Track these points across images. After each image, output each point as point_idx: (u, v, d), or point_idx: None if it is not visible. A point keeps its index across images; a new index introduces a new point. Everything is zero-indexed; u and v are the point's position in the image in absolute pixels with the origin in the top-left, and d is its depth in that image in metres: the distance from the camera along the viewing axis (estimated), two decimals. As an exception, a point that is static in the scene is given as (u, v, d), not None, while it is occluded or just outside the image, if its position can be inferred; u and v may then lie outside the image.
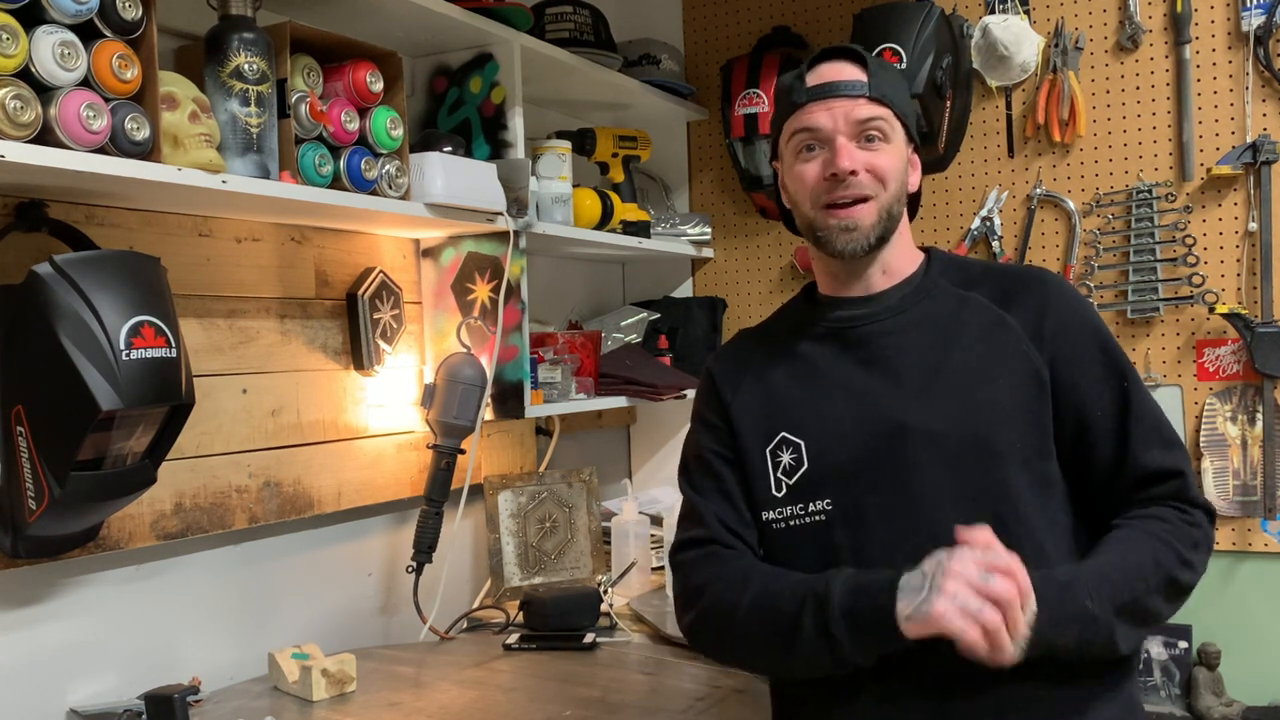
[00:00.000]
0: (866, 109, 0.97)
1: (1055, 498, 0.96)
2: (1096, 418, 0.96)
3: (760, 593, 0.93)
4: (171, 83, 1.07)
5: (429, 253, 1.64)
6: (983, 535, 0.84)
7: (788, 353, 1.05)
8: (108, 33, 0.99)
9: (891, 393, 0.97)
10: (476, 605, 1.66)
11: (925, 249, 1.07)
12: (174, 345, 1.05)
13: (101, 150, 0.98)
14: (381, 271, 1.53)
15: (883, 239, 1.00)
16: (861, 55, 1.00)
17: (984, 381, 0.96)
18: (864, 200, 0.98)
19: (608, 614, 1.52)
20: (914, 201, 1.07)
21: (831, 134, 0.97)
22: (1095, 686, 0.92)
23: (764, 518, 1.01)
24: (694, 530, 1.03)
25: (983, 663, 0.80)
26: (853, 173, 0.96)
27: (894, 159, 0.99)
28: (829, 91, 0.98)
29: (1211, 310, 1.72)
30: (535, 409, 1.59)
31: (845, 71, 0.99)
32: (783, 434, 1.00)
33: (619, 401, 1.81)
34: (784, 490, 0.99)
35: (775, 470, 0.99)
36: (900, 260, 1.03)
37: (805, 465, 0.98)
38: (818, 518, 0.97)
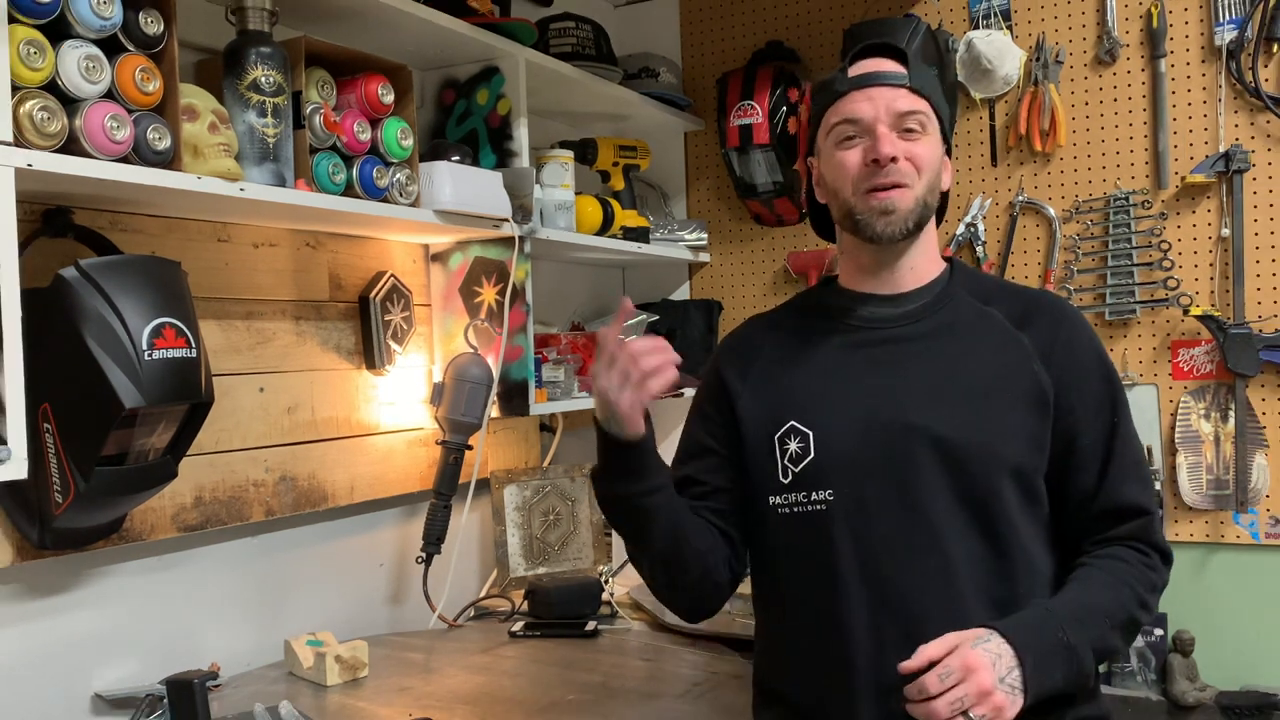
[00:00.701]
0: (907, 101, 0.99)
1: (1040, 511, 0.99)
2: (1084, 445, 0.99)
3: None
4: (192, 95, 1.09)
5: (438, 257, 1.66)
6: (935, 650, 0.86)
7: (804, 342, 1.05)
8: (130, 47, 1.02)
9: (902, 393, 0.99)
10: (483, 594, 1.68)
11: (947, 258, 1.08)
12: (194, 346, 1.07)
13: (125, 159, 1.00)
14: (392, 275, 1.55)
15: (919, 226, 1.00)
16: (902, 51, 1.01)
17: (992, 395, 0.98)
18: (902, 187, 0.98)
19: (609, 603, 1.55)
20: (942, 205, 1.08)
21: (873, 123, 0.98)
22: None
23: (770, 502, 1.02)
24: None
25: None
26: (893, 159, 0.97)
27: (930, 150, 1.00)
28: (871, 80, 0.99)
29: (1186, 312, 1.74)
30: (539, 407, 1.61)
31: (886, 65, 1.00)
32: (792, 422, 1.01)
33: (619, 400, 1.86)
34: (790, 477, 1.00)
35: (783, 458, 1.01)
36: (927, 261, 1.05)
37: (812, 455, 0.99)
38: (819, 506, 0.99)
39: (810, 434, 1.00)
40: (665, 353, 0.92)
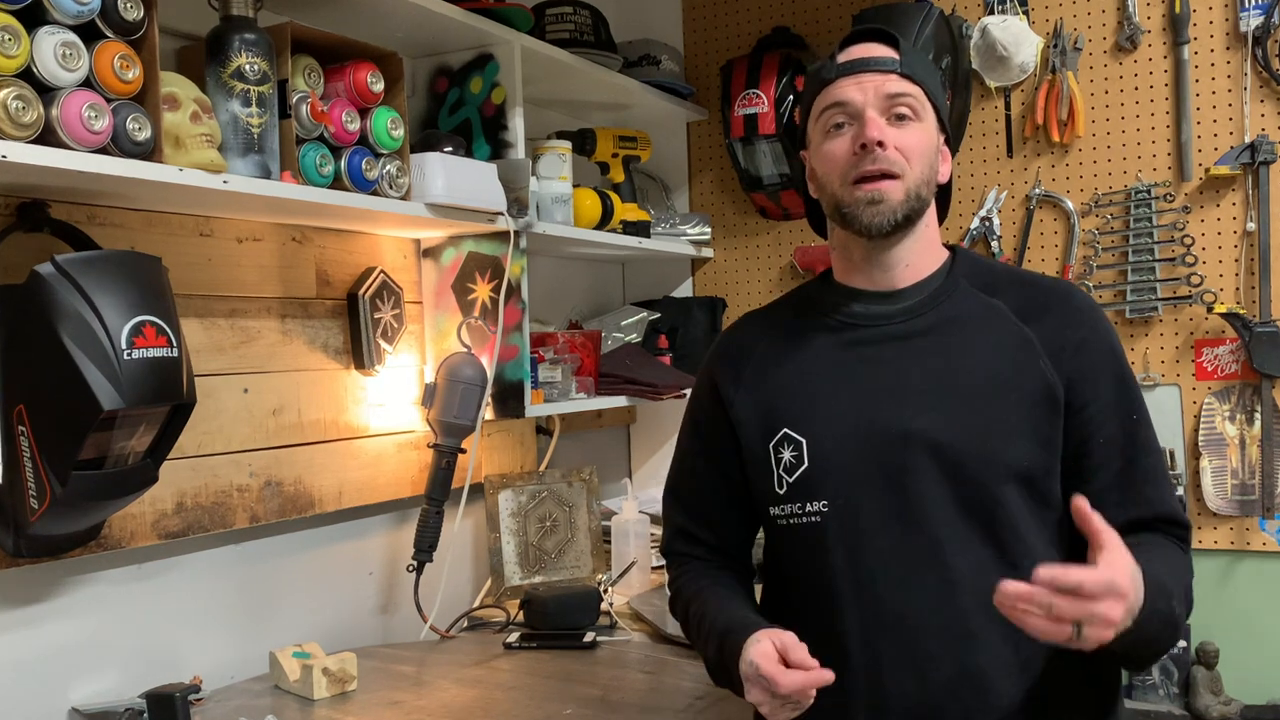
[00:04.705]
0: (897, 84, 0.96)
1: (1052, 515, 0.95)
2: (1098, 445, 0.95)
3: (691, 618, 1.04)
4: (173, 83, 1.07)
5: (429, 252, 1.65)
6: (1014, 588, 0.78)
7: (795, 342, 1.03)
8: (109, 33, 1.00)
9: (898, 397, 0.96)
10: (477, 604, 1.67)
11: (951, 247, 1.05)
12: (175, 345, 1.06)
13: (103, 150, 0.98)
14: (382, 271, 1.54)
15: (909, 219, 0.97)
16: (893, 36, 0.99)
17: (995, 396, 0.94)
18: (892, 177, 0.96)
19: (608, 613, 1.53)
20: (945, 199, 1.06)
21: (861, 107, 0.96)
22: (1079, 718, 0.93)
23: (770, 513, 1.01)
24: (663, 537, 1.15)
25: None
26: (880, 145, 0.94)
27: (923, 139, 0.97)
28: (860, 66, 0.97)
29: (1210, 310, 1.73)
30: (535, 408, 1.60)
31: (876, 50, 0.99)
32: (785, 430, 0.99)
33: (619, 401, 1.82)
34: (785, 487, 0.99)
35: (778, 467, 0.99)
36: (924, 256, 1.01)
37: (805, 464, 0.97)
38: (814, 518, 0.97)
39: (804, 442, 0.98)
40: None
